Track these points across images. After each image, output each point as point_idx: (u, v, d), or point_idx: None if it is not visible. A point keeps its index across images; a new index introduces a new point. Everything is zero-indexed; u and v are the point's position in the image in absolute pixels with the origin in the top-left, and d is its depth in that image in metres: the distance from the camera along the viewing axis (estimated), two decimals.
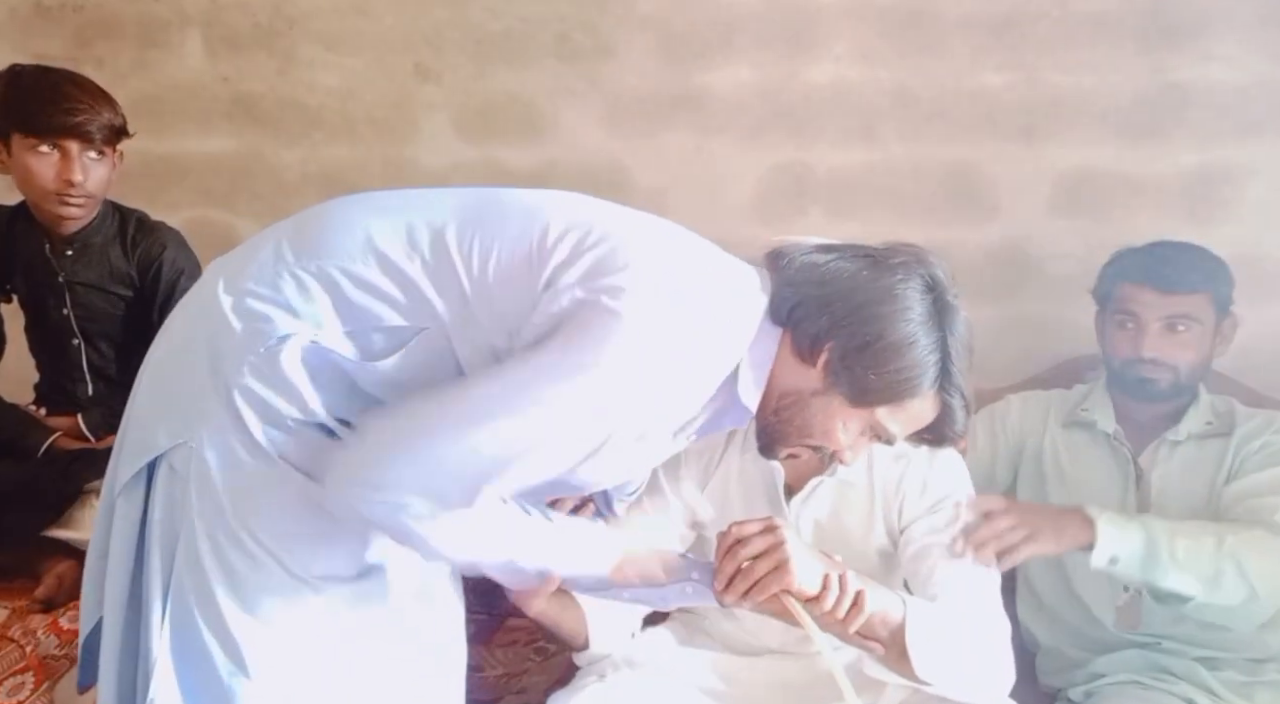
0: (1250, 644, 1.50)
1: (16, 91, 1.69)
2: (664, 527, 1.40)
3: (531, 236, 1.02)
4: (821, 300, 1.05)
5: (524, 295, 1.00)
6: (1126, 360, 1.56)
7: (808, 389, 1.07)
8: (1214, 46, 1.85)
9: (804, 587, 1.09)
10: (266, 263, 1.04)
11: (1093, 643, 1.58)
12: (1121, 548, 1.34)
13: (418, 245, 1.02)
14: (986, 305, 1.94)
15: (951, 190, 1.96)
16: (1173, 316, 1.52)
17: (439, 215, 1.05)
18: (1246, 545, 1.35)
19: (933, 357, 1.07)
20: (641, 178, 2.07)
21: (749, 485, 1.44)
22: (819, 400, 1.07)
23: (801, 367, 1.07)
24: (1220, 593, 1.34)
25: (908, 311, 1.05)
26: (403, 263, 1.02)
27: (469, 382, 1.00)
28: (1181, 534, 1.36)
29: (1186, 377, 1.54)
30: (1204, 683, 1.47)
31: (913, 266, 1.08)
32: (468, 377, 1.02)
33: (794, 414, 1.08)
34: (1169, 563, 1.34)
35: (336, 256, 1.03)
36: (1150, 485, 1.56)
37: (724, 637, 1.50)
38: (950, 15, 1.93)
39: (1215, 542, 1.35)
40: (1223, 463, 1.53)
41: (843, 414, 1.07)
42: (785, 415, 1.09)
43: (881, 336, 1.04)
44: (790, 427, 1.09)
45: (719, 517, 1.45)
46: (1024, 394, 1.76)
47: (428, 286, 1.01)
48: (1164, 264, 1.54)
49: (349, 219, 1.06)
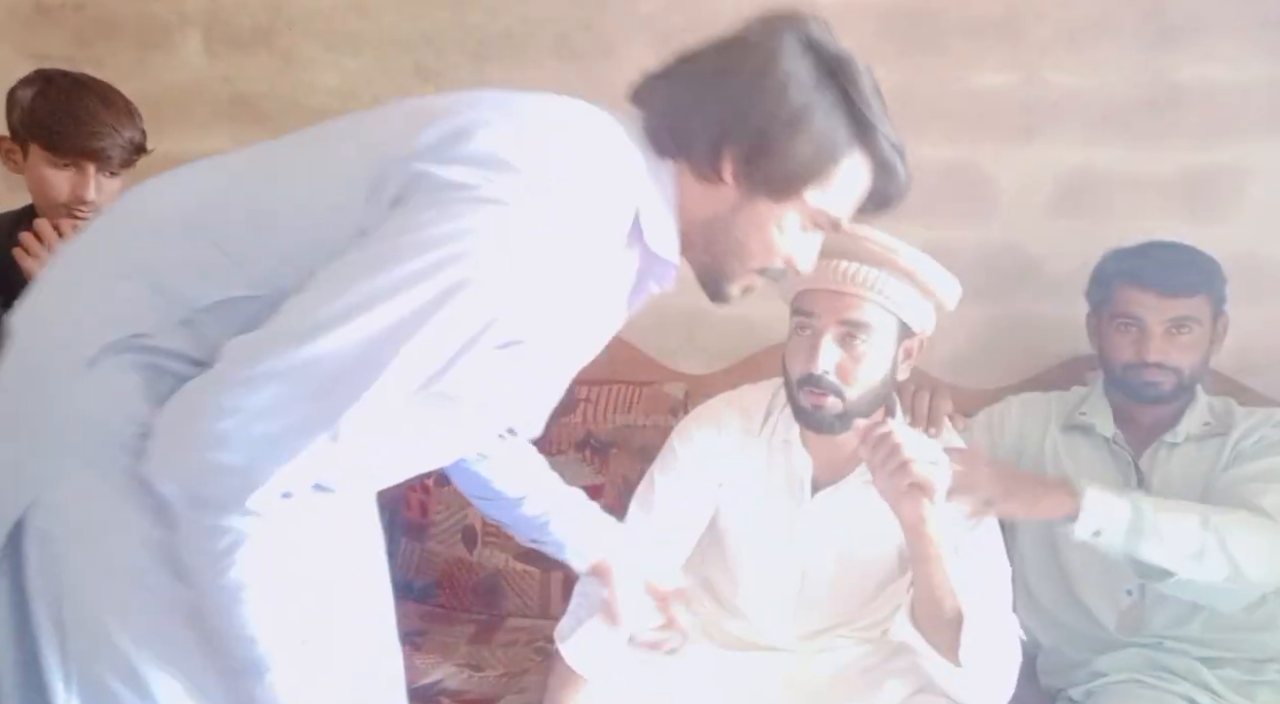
0: (1251, 644, 1.50)
1: (45, 103, 1.67)
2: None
3: (339, 143, 0.92)
4: (699, 111, 0.96)
5: (345, 202, 0.87)
6: (1129, 364, 1.55)
7: (726, 208, 0.98)
8: (1214, 46, 1.85)
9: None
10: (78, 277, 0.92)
11: (1094, 643, 1.58)
12: (1106, 521, 1.35)
13: (218, 208, 0.91)
14: (986, 305, 1.93)
15: (951, 190, 1.96)
16: (1176, 319, 1.52)
17: (232, 170, 0.95)
18: (1230, 523, 1.35)
19: (836, 115, 0.96)
20: None
21: (774, 477, 1.44)
22: (743, 214, 0.98)
23: (710, 189, 0.97)
24: (1203, 569, 1.34)
25: (790, 80, 0.94)
26: (207, 230, 0.89)
27: (299, 295, 0.84)
28: (1166, 509, 1.37)
29: (1189, 378, 1.54)
30: (1205, 682, 1.47)
31: (779, 33, 0.97)
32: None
33: (725, 241, 0.99)
34: (1154, 538, 1.34)
35: (137, 249, 0.91)
36: (1151, 488, 1.56)
37: (725, 636, 1.50)
38: (950, 15, 1.92)
39: (1200, 518, 1.35)
40: (1219, 460, 1.53)
41: (773, 216, 0.98)
42: (718, 247, 1.00)
43: (775, 117, 0.94)
44: (727, 257, 1.00)
45: (740, 507, 1.46)
46: (1023, 396, 1.76)
47: (242, 247, 0.88)
48: (1165, 267, 1.53)
49: (141, 209, 0.95)
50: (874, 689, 1.36)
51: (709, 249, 1.01)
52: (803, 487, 1.42)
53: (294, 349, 0.79)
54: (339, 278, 0.82)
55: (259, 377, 0.79)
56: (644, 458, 1.77)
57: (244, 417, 0.78)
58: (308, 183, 0.91)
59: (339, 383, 0.80)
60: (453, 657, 1.74)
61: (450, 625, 1.87)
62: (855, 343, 1.32)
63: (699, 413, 1.53)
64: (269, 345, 0.80)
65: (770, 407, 1.47)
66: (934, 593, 1.23)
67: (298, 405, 0.79)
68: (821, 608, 1.45)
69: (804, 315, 1.36)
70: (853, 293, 1.31)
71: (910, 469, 1.18)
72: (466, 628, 1.86)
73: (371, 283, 0.80)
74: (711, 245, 1.00)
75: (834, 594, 1.44)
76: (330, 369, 0.80)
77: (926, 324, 1.38)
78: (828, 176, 0.97)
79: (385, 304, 0.80)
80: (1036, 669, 1.68)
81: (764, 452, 1.45)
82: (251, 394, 0.78)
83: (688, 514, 1.43)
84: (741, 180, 0.96)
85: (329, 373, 0.80)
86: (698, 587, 1.55)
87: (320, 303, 0.81)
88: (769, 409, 1.47)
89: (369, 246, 0.83)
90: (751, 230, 0.99)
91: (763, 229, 0.99)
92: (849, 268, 1.31)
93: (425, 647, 1.76)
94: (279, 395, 0.79)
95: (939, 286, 1.34)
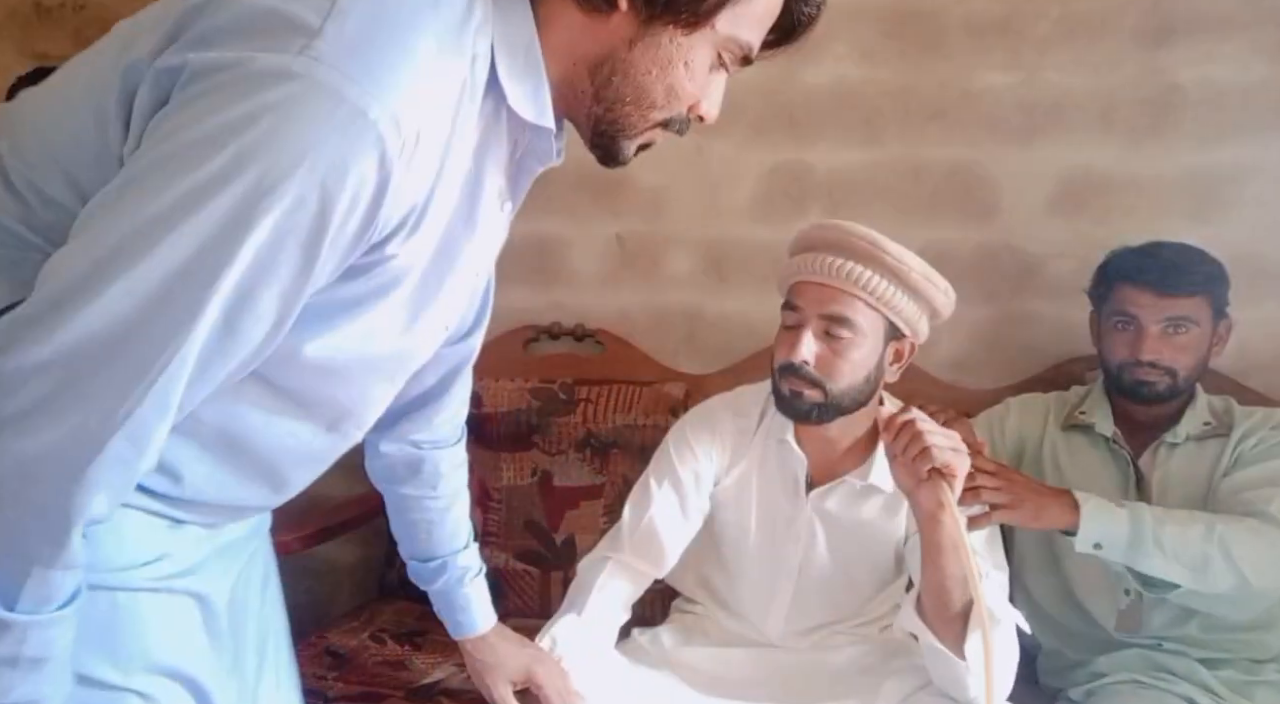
0: (1250, 644, 1.50)
1: None
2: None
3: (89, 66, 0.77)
4: None
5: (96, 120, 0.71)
6: (1124, 363, 1.55)
7: (621, 43, 0.79)
8: (1214, 46, 1.85)
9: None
10: None
11: (1093, 644, 1.58)
12: (1106, 534, 1.35)
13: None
14: (986, 305, 1.94)
15: (951, 190, 1.96)
16: (1172, 319, 1.52)
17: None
18: (1235, 533, 1.35)
19: None
20: (641, 178, 2.07)
21: (769, 476, 1.44)
22: (641, 50, 0.79)
23: (599, 21, 0.79)
24: (1208, 580, 1.34)
25: None
26: None
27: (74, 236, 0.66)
28: (1169, 521, 1.37)
29: (1184, 379, 1.54)
30: (1204, 682, 1.47)
31: None
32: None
33: (621, 86, 0.81)
34: (1154, 550, 1.34)
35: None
36: (1151, 488, 1.56)
37: (723, 635, 1.50)
38: (950, 15, 1.93)
39: (1204, 529, 1.35)
40: (1220, 461, 1.53)
41: (681, 51, 0.80)
42: (611, 93, 0.81)
43: None
44: (623, 105, 0.82)
45: (735, 506, 1.46)
46: (1021, 397, 1.76)
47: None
48: (1163, 266, 1.53)
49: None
50: (873, 688, 1.36)
51: (600, 97, 0.82)
52: (797, 485, 1.42)
53: (50, 334, 0.62)
54: (91, 231, 0.64)
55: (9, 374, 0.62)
56: (644, 458, 1.77)
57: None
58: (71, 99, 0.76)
59: (115, 367, 0.63)
60: (453, 656, 1.73)
61: None
62: (838, 337, 1.32)
63: (694, 414, 1.54)
64: (20, 331, 0.62)
65: (766, 406, 1.47)
66: (944, 583, 1.22)
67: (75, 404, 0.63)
68: (818, 606, 1.45)
69: (791, 307, 1.36)
70: (837, 287, 1.32)
71: (932, 455, 1.19)
72: None
73: (139, 215, 0.62)
74: (603, 91, 0.81)
75: (830, 592, 1.45)
76: (96, 351, 0.62)
77: (917, 327, 1.37)
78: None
79: (162, 243, 0.62)
80: (1036, 669, 1.68)
81: (759, 450, 1.45)
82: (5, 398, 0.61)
83: (679, 516, 1.43)
84: (641, 5, 0.78)
85: (95, 358, 0.62)
86: (695, 585, 1.55)
87: (72, 263, 0.63)
88: (765, 408, 1.48)
89: (126, 170, 0.65)
90: (653, 68, 0.80)
91: (669, 68, 0.80)
92: (835, 262, 1.31)
93: (425, 647, 1.76)
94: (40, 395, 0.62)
95: (927, 286, 1.33)
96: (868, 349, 1.33)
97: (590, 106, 0.83)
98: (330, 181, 0.65)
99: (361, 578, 2.18)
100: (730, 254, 2.06)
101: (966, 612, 1.22)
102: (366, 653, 1.74)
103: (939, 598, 1.24)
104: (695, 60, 0.81)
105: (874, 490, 1.40)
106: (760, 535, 1.45)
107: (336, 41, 0.65)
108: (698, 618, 1.54)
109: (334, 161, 0.64)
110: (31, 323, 0.62)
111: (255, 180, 0.62)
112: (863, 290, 1.31)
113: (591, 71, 0.81)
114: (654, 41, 0.79)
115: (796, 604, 1.45)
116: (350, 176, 0.65)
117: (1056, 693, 1.63)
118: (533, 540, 1.94)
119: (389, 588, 1.98)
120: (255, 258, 0.64)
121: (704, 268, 2.07)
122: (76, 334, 0.62)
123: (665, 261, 2.09)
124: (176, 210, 0.62)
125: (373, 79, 0.65)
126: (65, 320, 0.61)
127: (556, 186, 2.10)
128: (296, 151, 0.63)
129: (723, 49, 0.82)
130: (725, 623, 1.51)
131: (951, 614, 1.23)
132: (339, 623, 1.85)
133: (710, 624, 1.52)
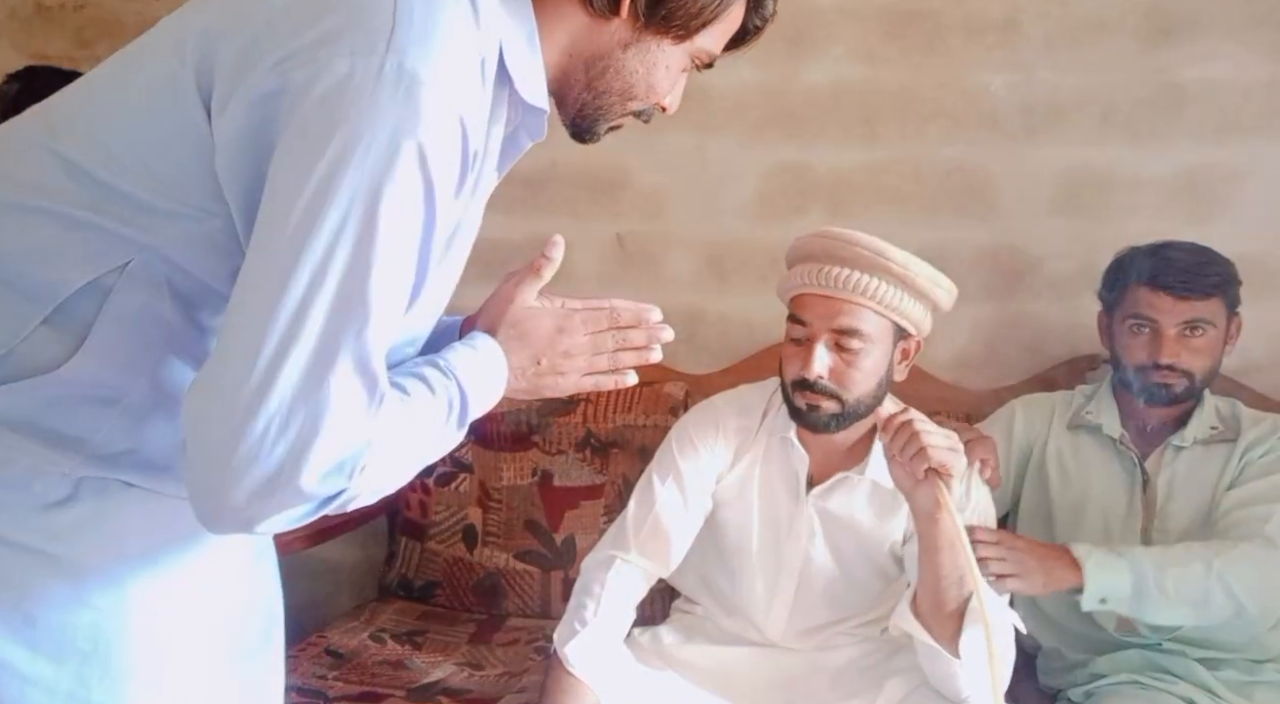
0: (1250, 644, 1.50)
1: (29, 97, 1.68)
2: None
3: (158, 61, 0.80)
4: None
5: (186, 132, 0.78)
6: (1142, 366, 1.54)
7: (616, 45, 0.93)
8: (1214, 46, 1.85)
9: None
10: None
11: (1093, 644, 1.58)
12: (1110, 588, 1.37)
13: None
14: (986, 305, 1.94)
15: (951, 190, 1.96)
16: (1189, 322, 1.51)
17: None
18: (1233, 565, 1.36)
19: None
20: (642, 177, 2.07)
21: (771, 474, 1.45)
22: (634, 53, 0.93)
23: (600, 24, 0.92)
24: (1209, 614, 1.37)
25: None
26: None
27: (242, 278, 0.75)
28: (1168, 563, 1.38)
29: (1201, 381, 1.54)
30: (1204, 683, 1.47)
31: None
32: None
33: (611, 79, 0.95)
34: (1159, 596, 1.36)
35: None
36: (1156, 490, 1.56)
37: (723, 634, 1.50)
38: (950, 15, 1.93)
39: (1203, 567, 1.36)
40: (1226, 468, 1.52)
41: (664, 57, 0.94)
42: (601, 84, 0.95)
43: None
44: (609, 96, 0.96)
45: (737, 504, 1.46)
46: (1025, 398, 1.75)
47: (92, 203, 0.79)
48: (1180, 268, 1.52)
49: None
50: (873, 687, 1.36)
51: (593, 86, 0.95)
52: (799, 484, 1.42)
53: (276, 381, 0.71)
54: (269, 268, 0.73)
55: (264, 384, 0.71)
56: (644, 458, 1.78)
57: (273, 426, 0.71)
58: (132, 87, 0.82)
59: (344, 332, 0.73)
60: (453, 656, 1.74)
61: (450, 625, 1.87)
62: (849, 348, 1.32)
63: (697, 411, 1.54)
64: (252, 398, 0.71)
65: (768, 405, 1.48)
66: (940, 582, 1.23)
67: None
68: (819, 605, 1.45)
69: (798, 321, 1.36)
70: (844, 298, 1.32)
71: (929, 454, 1.19)
72: (466, 627, 1.86)
73: (307, 251, 0.72)
74: (596, 82, 0.95)
75: (831, 591, 1.45)
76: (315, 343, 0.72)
77: (922, 326, 1.38)
78: (725, 16, 0.94)
79: (330, 260, 0.72)
80: (1036, 669, 1.68)
81: (762, 449, 1.45)
82: (267, 400, 0.71)
83: (684, 513, 1.43)
84: (640, 15, 0.91)
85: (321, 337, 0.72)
86: (696, 585, 1.55)
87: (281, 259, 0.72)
88: (767, 407, 1.48)
89: (277, 203, 0.73)
90: (642, 70, 0.94)
91: (653, 70, 0.95)
92: (841, 273, 1.32)
93: (425, 646, 1.77)
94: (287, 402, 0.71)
95: (933, 289, 1.34)
96: (878, 355, 1.34)
97: (580, 94, 0.96)
98: (429, 149, 0.75)
99: (361, 578, 2.18)
100: (730, 254, 2.06)
101: (962, 610, 1.23)
102: (366, 653, 1.74)
103: (935, 596, 1.24)
104: (673, 64, 0.96)
105: (875, 487, 1.40)
106: (762, 534, 1.45)
107: (408, 31, 0.75)
108: (698, 619, 1.54)
109: (426, 133, 0.74)
110: (257, 387, 0.71)
111: (368, 187, 0.72)
112: (870, 299, 1.31)
113: (587, 66, 0.94)
114: (645, 47, 0.93)
115: (798, 604, 1.45)
116: (444, 137, 0.76)
117: (1056, 693, 1.63)
118: (533, 540, 1.94)
119: (389, 588, 1.98)
120: (389, 249, 0.74)
121: (704, 268, 2.07)
122: (296, 371, 0.72)
123: (665, 261, 2.09)
124: (329, 241, 0.72)
125: (432, 57, 0.76)
126: (280, 373, 0.71)
127: (556, 186, 2.10)
128: (392, 144, 0.73)
129: (694, 55, 0.97)
130: (726, 623, 1.51)
131: (947, 612, 1.23)
132: (339, 623, 1.85)
133: (711, 625, 1.52)
